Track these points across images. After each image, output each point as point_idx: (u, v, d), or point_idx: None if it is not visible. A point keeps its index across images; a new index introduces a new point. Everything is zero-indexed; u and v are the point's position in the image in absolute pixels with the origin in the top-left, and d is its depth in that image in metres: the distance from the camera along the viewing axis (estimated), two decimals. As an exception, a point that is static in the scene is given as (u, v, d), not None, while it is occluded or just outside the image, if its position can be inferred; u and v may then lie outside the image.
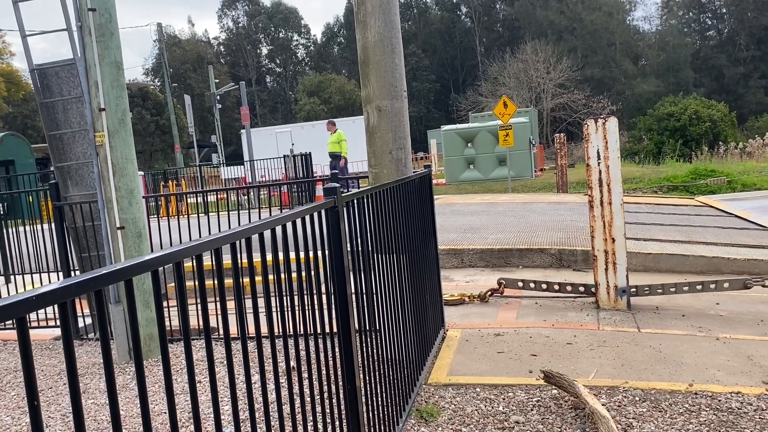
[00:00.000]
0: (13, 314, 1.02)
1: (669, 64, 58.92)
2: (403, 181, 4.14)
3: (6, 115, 45.35)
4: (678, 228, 9.50)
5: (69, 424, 4.12)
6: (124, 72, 5.29)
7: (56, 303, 1.10)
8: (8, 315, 1.01)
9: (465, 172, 22.97)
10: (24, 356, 1.06)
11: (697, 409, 3.63)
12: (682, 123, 32.83)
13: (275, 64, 76.75)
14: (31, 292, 1.05)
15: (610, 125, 5.74)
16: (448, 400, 3.99)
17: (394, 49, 4.68)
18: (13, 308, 1.02)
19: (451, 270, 8.01)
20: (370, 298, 3.17)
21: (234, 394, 1.84)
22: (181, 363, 4.99)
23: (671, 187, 17.62)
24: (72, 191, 5.85)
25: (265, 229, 2.07)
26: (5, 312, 1.00)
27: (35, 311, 1.07)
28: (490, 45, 63.50)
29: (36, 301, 1.04)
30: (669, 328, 5.20)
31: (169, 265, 1.49)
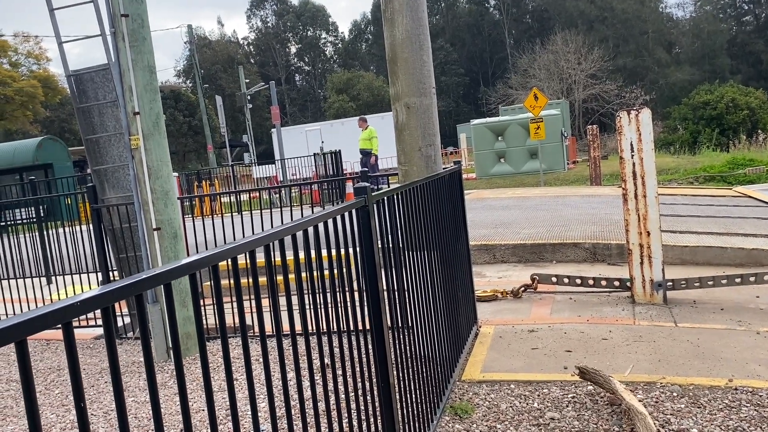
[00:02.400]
0: (59, 320, 1.06)
1: (704, 52, 57.61)
2: (432, 178, 4.14)
3: (44, 119, 46.50)
4: (715, 219, 9.30)
5: (111, 422, 4.23)
6: (156, 76, 5.38)
7: (100, 308, 1.14)
8: (55, 321, 1.05)
9: (496, 166, 22.81)
10: (71, 360, 1.10)
11: (737, 405, 3.57)
12: (718, 111, 32.08)
13: (304, 63, 77.20)
14: (76, 298, 1.09)
15: (643, 117, 5.65)
16: (482, 396, 3.99)
17: (422, 46, 4.68)
18: (59, 314, 1.05)
19: (482, 266, 7.98)
20: (402, 295, 3.18)
21: (270, 390, 1.88)
22: (218, 361, 5.08)
23: (708, 178, 17.26)
24: (109, 193, 5.99)
25: (298, 231, 2.10)
26: (52, 318, 1.04)
27: (80, 316, 1.11)
28: (520, 37, 62.88)
29: (81, 306, 1.08)
30: (707, 322, 5.11)
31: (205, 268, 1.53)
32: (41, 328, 1.01)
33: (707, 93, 34.28)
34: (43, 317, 1.01)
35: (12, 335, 0.95)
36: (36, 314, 1.00)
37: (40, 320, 1.00)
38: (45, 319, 1.01)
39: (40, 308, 1.03)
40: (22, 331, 0.97)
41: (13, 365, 5.83)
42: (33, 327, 0.99)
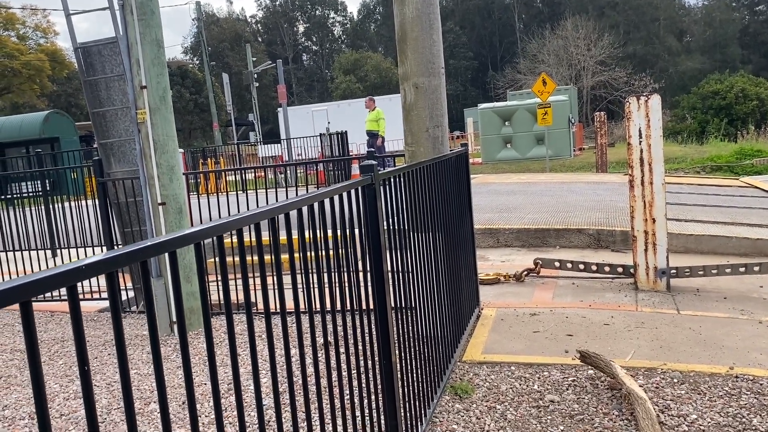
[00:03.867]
0: (64, 282, 1.06)
1: (715, 40, 57.03)
2: (439, 159, 4.12)
3: (51, 93, 46.43)
4: (721, 209, 9.26)
5: (114, 393, 4.26)
6: (164, 50, 5.36)
7: (105, 272, 1.13)
8: (60, 283, 1.05)
9: (502, 152, 22.73)
10: (75, 324, 1.10)
11: (737, 393, 3.57)
12: (727, 101, 31.82)
13: (311, 42, 76.72)
14: (81, 262, 1.09)
15: (652, 103, 5.60)
16: (482, 377, 4.00)
17: (432, 26, 4.63)
18: (64, 277, 1.05)
19: (486, 249, 7.98)
20: (406, 276, 3.18)
21: (273, 365, 1.88)
22: (220, 336, 5.11)
23: (715, 168, 17.16)
24: (115, 168, 5.99)
25: (304, 205, 2.09)
26: (57, 280, 1.04)
27: (85, 280, 1.11)
28: (530, 21, 62.32)
29: (86, 270, 1.08)
30: (710, 311, 5.10)
31: (209, 239, 1.53)
32: (47, 289, 1.01)
33: (717, 82, 33.97)
34: (48, 279, 1.01)
35: (17, 295, 0.95)
36: (42, 276, 1.00)
37: (45, 282, 1.00)
38: (51, 281, 1.01)
39: (46, 270, 1.03)
40: (28, 292, 0.97)
41: (18, 335, 5.88)
42: (38, 288, 0.99)
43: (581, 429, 3.30)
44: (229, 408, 3.75)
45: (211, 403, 3.91)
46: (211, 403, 3.90)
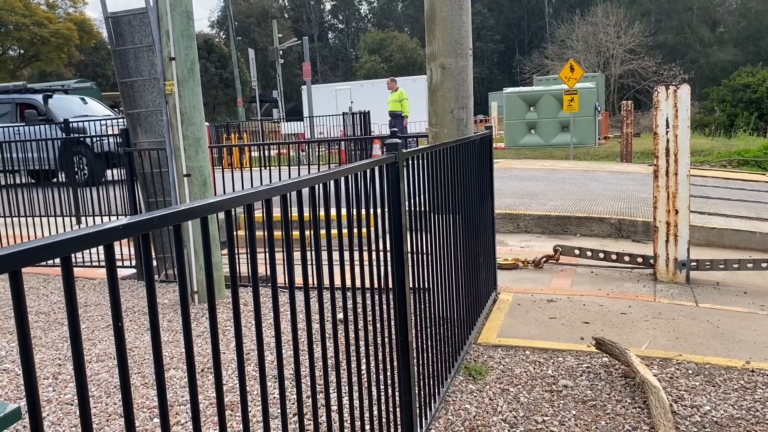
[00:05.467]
0: (101, 241, 1.09)
1: (749, 32, 55.74)
2: (463, 141, 4.12)
3: (78, 62, 46.83)
4: (746, 204, 9.14)
5: (134, 358, 4.36)
6: (194, 22, 5.38)
7: (140, 233, 1.17)
8: (96, 242, 1.09)
9: (525, 137, 22.56)
10: (111, 282, 1.14)
11: (752, 387, 3.57)
12: (759, 95, 31.20)
13: (338, 20, 76.36)
14: (118, 222, 1.12)
15: (681, 93, 5.53)
16: (497, 360, 4.03)
17: (462, 6, 4.61)
18: (101, 236, 1.09)
19: (506, 234, 7.97)
20: (425, 257, 3.21)
21: (295, 336, 1.92)
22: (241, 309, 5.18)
23: (742, 162, 16.90)
24: (141, 138, 6.06)
25: (329, 180, 2.12)
26: (94, 239, 1.08)
27: (121, 239, 1.15)
28: (559, 6, 61.37)
29: (123, 229, 1.11)
30: (729, 305, 5.07)
31: (239, 207, 1.56)
32: (85, 246, 1.04)
33: (749, 75, 33.29)
34: (87, 237, 1.05)
35: (59, 251, 0.99)
36: (81, 233, 1.03)
37: (84, 239, 1.04)
38: (89, 238, 1.05)
39: (83, 229, 1.07)
40: (68, 248, 1.00)
41: (42, 298, 6.02)
42: (78, 244, 1.02)
43: (593, 414, 3.32)
44: (247, 377, 3.82)
45: (228, 372, 3.99)
46: (228, 372, 3.98)
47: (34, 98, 14.39)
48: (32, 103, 14.29)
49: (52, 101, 14.39)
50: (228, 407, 3.54)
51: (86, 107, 15.35)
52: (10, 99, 14.66)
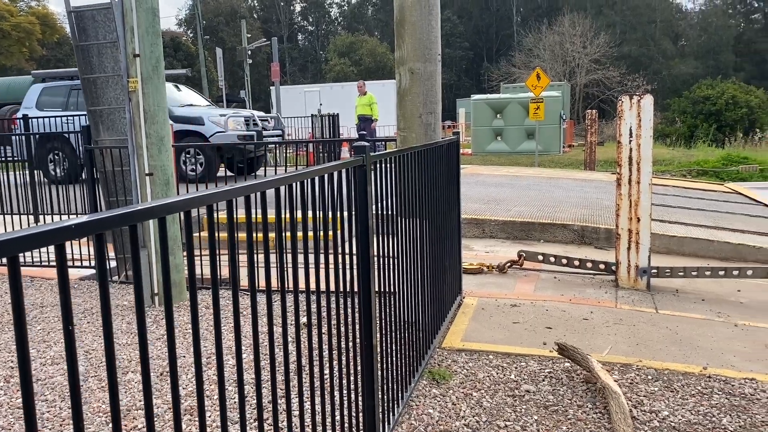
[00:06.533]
0: (51, 241, 1.05)
1: (710, 46, 57.29)
2: (431, 146, 4.12)
3: (40, 57, 45.73)
4: (705, 213, 9.37)
5: (91, 361, 4.25)
6: (159, 19, 5.29)
7: (94, 233, 1.13)
8: (46, 242, 1.04)
9: (492, 144, 22.77)
10: (62, 283, 1.10)
11: (709, 392, 3.64)
12: (717, 107, 32.02)
13: (308, 22, 76.08)
14: (70, 221, 1.08)
15: (645, 103, 5.63)
16: (460, 364, 4.04)
17: (432, 11, 4.61)
18: (51, 235, 1.05)
19: (471, 239, 8.02)
20: (392, 261, 3.19)
21: (256, 340, 1.88)
22: (200, 311, 5.10)
23: (701, 172, 17.32)
24: (103, 135, 5.93)
25: (295, 181, 2.09)
26: (44, 238, 1.03)
27: (74, 239, 1.10)
28: (527, 15, 62.20)
29: (75, 229, 1.07)
30: (687, 311, 5.18)
31: (197, 208, 1.52)
32: (34, 245, 1.00)
33: (709, 88, 34.14)
34: (37, 236, 1.00)
35: (6, 250, 0.94)
36: (30, 232, 0.99)
37: (34, 238, 0.99)
38: (39, 238, 1.00)
39: (34, 227, 1.02)
40: (15, 247, 0.96)
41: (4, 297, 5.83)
42: (26, 244, 0.98)
43: (555, 420, 3.34)
44: (206, 381, 3.75)
45: (188, 376, 3.91)
46: (188, 376, 3.90)
47: None
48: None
49: None
50: (188, 412, 3.47)
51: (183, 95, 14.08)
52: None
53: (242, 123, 12.28)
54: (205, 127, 11.99)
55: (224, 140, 11.13)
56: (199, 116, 12.21)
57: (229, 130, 11.87)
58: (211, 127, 11.95)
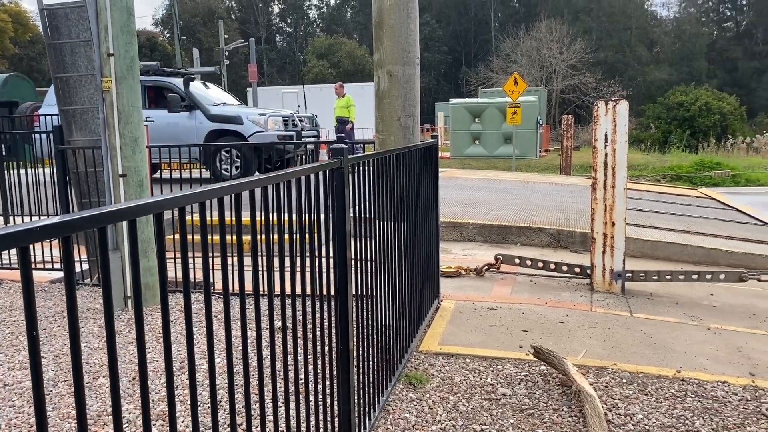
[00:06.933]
0: (16, 243, 1.01)
1: (684, 53, 58.23)
2: (410, 149, 4.11)
3: (12, 56, 44.91)
4: (678, 217, 9.50)
5: (61, 365, 4.16)
6: (134, 18, 5.22)
7: (60, 236, 1.09)
8: (11, 244, 1.01)
9: (470, 148, 22.88)
10: (26, 286, 1.06)
11: (682, 395, 3.67)
12: (691, 113, 32.55)
13: (286, 24, 75.79)
14: (35, 223, 1.04)
15: (620, 108, 5.69)
16: (437, 368, 4.03)
17: (410, 14, 4.61)
18: (16, 237, 1.01)
19: (449, 243, 8.03)
20: (370, 265, 3.17)
21: (229, 344, 1.85)
22: (175, 314, 5.02)
23: (675, 177, 17.57)
24: (76, 136, 5.82)
25: (270, 183, 2.06)
26: (8, 240, 1.00)
27: (38, 242, 1.07)
28: (505, 20, 62.67)
29: (40, 231, 1.04)
30: (661, 315, 5.23)
31: (169, 210, 1.49)
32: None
33: (682, 94, 34.70)
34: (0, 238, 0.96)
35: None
36: (-8, 235, 0.95)
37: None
38: (2, 240, 0.97)
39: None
40: (-24, 251, 0.92)
41: (-37, 302, 5.69)
42: (-12, 247, 0.94)
43: (531, 423, 3.35)
44: (180, 386, 3.69)
45: (162, 380, 3.85)
46: (162, 381, 3.84)
47: (172, 81, 12.41)
48: (168, 87, 12.31)
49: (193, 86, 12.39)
50: (160, 417, 3.41)
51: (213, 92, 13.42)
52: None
53: (281, 123, 11.92)
54: (244, 127, 11.57)
55: (263, 140, 10.82)
56: (238, 115, 11.83)
57: (269, 130, 11.50)
58: (250, 127, 11.57)
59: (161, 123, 11.61)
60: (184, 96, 11.96)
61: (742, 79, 56.02)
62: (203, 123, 11.62)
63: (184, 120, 11.62)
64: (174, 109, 11.71)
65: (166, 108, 11.96)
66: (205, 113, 11.68)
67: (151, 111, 11.95)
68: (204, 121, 11.63)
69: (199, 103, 11.91)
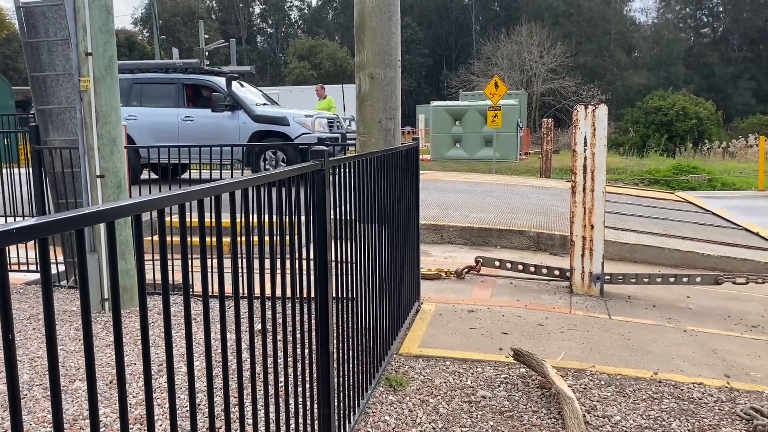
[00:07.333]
0: (-9, 246, 1.00)
1: (662, 58, 59.00)
2: (390, 151, 4.12)
3: (-13, 53, 44.21)
4: (656, 221, 9.62)
5: (36, 369, 4.10)
6: (113, 17, 5.16)
7: (37, 237, 1.08)
8: (-14, 247, 0.99)
9: (451, 150, 22.96)
10: (1, 291, 1.04)
11: (659, 397, 3.72)
12: (669, 118, 32.99)
13: (267, 25, 75.49)
14: (12, 225, 1.03)
15: (599, 112, 5.75)
16: (417, 370, 4.03)
17: (392, 17, 4.62)
18: (-9, 240, 0.99)
19: (430, 245, 8.05)
20: (350, 267, 3.17)
21: (208, 347, 1.84)
22: (153, 317, 4.98)
23: (653, 181, 17.78)
24: (52, 135, 5.74)
25: (250, 185, 2.05)
26: (-17, 243, 0.98)
27: (15, 244, 1.05)
28: (486, 24, 63.02)
29: (17, 233, 1.02)
30: (639, 317, 5.29)
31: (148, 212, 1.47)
32: (-29, 252, 0.94)
33: (660, 99, 35.15)
34: (-27, 241, 0.95)
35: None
36: (-34, 237, 0.94)
37: (-30, 244, 0.94)
38: (-24, 243, 0.95)
39: (-29, 232, 0.97)
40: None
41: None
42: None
43: (510, 425, 3.37)
44: (158, 390, 3.65)
45: (140, 383, 3.81)
46: (140, 384, 3.80)
47: (214, 80, 12.03)
48: (209, 86, 11.95)
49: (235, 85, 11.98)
50: (138, 421, 3.38)
51: (250, 92, 13.04)
52: (171, 79, 12.09)
53: (326, 125, 11.73)
54: (291, 128, 11.35)
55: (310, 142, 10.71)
56: (284, 116, 11.61)
57: (315, 131, 11.29)
58: (296, 128, 11.35)
59: (202, 123, 11.30)
60: (227, 95, 11.64)
61: (718, 84, 56.91)
62: (247, 123, 11.34)
63: (225, 120, 11.30)
64: (218, 109, 11.42)
65: (204, 107, 11.69)
66: (249, 113, 11.41)
67: (189, 110, 11.69)
68: (248, 121, 11.36)
69: (242, 103, 11.62)
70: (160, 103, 11.95)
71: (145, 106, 11.90)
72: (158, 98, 12.03)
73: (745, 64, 57.93)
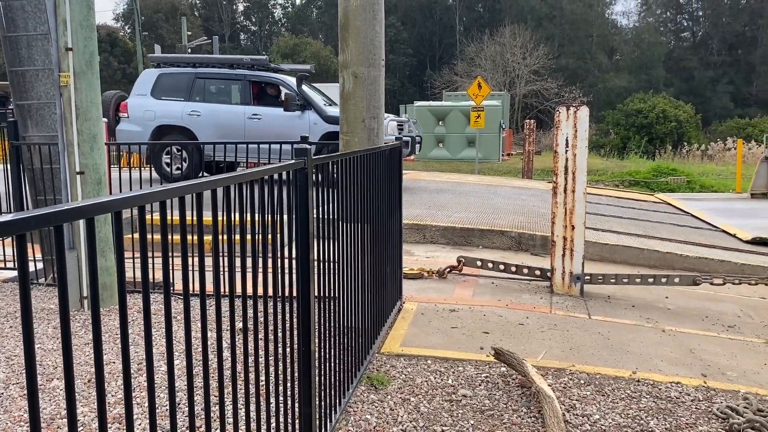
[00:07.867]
0: (-33, 242, 0.98)
1: (642, 62, 59.61)
2: (374, 150, 4.12)
3: (-36, 47, 43.47)
4: (636, 222, 9.72)
5: (13, 367, 4.04)
6: (94, 12, 5.11)
7: (14, 234, 1.06)
8: (-38, 243, 0.98)
9: (434, 150, 23.03)
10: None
11: (638, 396, 3.76)
12: (649, 120, 33.38)
13: (250, 22, 75.10)
14: (-11, 221, 1.01)
15: (581, 114, 5.80)
16: (399, 369, 4.04)
17: (376, 16, 4.62)
18: (-32, 236, 0.98)
19: (412, 245, 8.06)
20: (332, 266, 3.17)
21: (189, 345, 1.83)
22: (133, 315, 4.93)
23: (633, 182, 17.98)
24: (31, 131, 5.67)
25: (233, 183, 2.04)
26: (-41, 239, 0.97)
27: (-9, 240, 1.04)
28: (470, 25, 63.25)
29: (-7, 230, 1.01)
30: (618, 317, 5.34)
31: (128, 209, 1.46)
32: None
33: (641, 102, 35.55)
34: (-51, 237, 0.93)
35: None
36: (-58, 232, 0.92)
37: (-54, 239, 0.93)
38: (-48, 238, 0.94)
39: (-53, 228, 0.96)
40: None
41: None
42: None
43: (491, 424, 3.38)
44: (137, 389, 3.62)
45: (119, 382, 3.77)
46: (119, 383, 3.76)
47: (284, 79, 11.70)
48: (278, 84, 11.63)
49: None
50: (117, 420, 3.35)
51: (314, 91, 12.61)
52: (237, 75, 11.64)
53: (396, 128, 11.54)
54: None
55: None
56: None
57: (387, 134, 10.88)
58: None
59: (272, 122, 11.05)
60: (297, 94, 11.37)
61: (697, 87, 57.63)
62: (318, 124, 11.06)
63: (295, 120, 11.04)
64: (291, 108, 11.14)
65: (270, 105, 11.46)
66: (320, 114, 11.14)
67: (257, 108, 11.39)
68: (319, 121, 11.09)
69: (313, 103, 11.35)
70: (225, 100, 11.67)
71: (208, 102, 11.58)
72: (223, 94, 11.75)
73: (723, 68, 58.73)
